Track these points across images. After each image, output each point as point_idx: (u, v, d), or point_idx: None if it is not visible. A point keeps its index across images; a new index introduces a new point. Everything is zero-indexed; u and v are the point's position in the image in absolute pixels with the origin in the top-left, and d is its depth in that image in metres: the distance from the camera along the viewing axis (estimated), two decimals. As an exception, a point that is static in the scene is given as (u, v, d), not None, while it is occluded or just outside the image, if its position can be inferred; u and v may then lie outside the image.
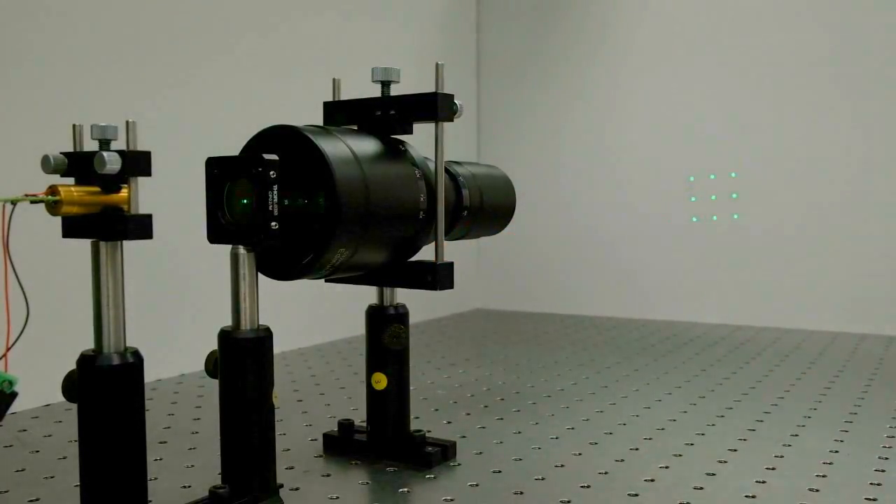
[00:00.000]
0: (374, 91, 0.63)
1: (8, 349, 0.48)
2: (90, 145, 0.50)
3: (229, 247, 0.53)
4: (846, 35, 1.32)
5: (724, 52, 1.41)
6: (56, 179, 0.49)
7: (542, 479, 0.63)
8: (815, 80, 1.34)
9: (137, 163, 0.48)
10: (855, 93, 1.32)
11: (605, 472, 0.64)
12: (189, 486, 0.61)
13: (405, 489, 0.61)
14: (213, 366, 0.54)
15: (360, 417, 0.73)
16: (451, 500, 0.58)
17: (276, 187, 0.50)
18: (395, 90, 0.63)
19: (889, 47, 1.29)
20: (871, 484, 0.61)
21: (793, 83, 1.35)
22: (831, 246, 1.34)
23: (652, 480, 0.62)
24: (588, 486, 0.61)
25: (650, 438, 0.73)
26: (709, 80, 1.42)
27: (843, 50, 1.32)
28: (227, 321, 0.53)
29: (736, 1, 1.40)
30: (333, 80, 0.67)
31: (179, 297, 1.01)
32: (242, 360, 0.53)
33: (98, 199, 0.49)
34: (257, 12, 1.12)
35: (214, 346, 0.54)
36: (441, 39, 1.53)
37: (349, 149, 0.56)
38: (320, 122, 0.63)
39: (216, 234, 0.52)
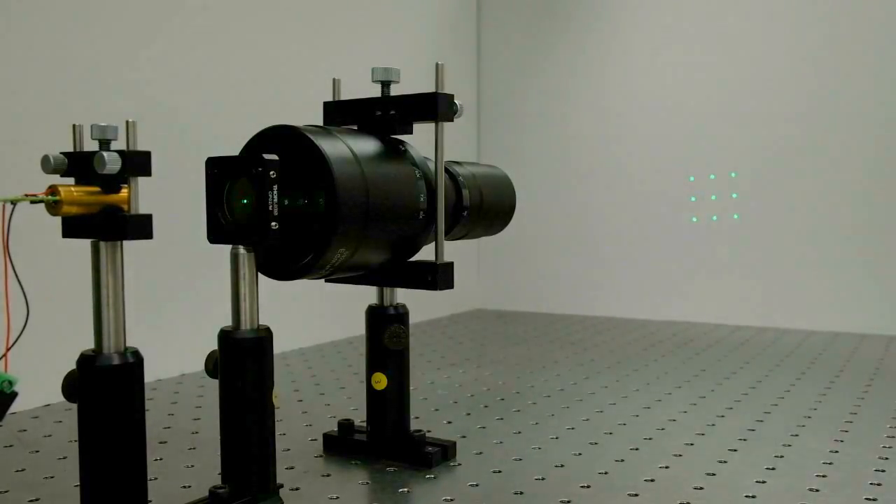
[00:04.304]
0: (374, 91, 0.63)
1: (8, 349, 0.48)
2: (90, 145, 0.50)
3: (229, 247, 0.53)
4: (848, 34, 1.32)
5: (725, 52, 1.41)
6: (56, 179, 0.49)
7: (542, 479, 0.63)
8: (816, 80, 1.34)
9: (137, 163, 0.48)
10: (856, 92, 1.31)
11: (605, 472, 0.64)
12: (189, 486, 0.61)
13: (405, 489, 0.61)
14: (213, 366, 0.54)
15: (360, 417, 0.73)
16: (451, 500, 0.58)
17: (276, 187, 0.50)
18: (395, 90, 0.63)
19: (891, 44, 1.29)
20: (871, 484, 0.61)
21: (794, 82, 1.35)
22: (831, 246, 1.34)
23: (652, 480, 0.62)
24: (588, 486, 0.61)
25: (650, 438, 0.73)
26: (709, 80, 1.42)
27: (844, 49, 1.32)
28: (227, 321, 0.53)
29: (736, 1, 1.40)
30: (333, 80, 0.67)
31: (179, 297, 1.01)
32: (242, 360, 0.53)
33: (98, 199, 0.49)
34: (258, 12, 1.12)
35: (214, 346, 0.54)
36: (441, 39, 1.53)
37: (349, 149, 0.56)
38: (320, 122, 0.63)
39: (216, 234, 0.52)
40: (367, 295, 0.69)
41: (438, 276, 0.60)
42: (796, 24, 1.35)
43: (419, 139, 0.64)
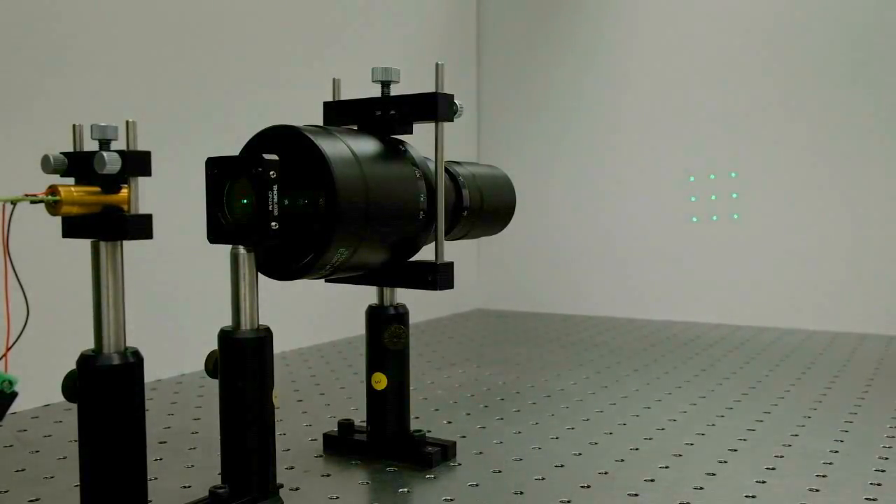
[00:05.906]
0: (374, 91, 0.63)
1: (8, 349, 0.48)
2: (90, 145, 0.50)
3: (229, 247, 0.53)
4: (846, 34, 1.32)
5: (724, 52, 1.41)
6: (56, 179, 0.49)
7: (542, 479, 0.63)
8: (815, 80, 1.34)
9: (137, 163, 0.48)
10: (856, 92, 1.31)
11: (605, 472, 0.64)
12: (189, 486, 0.61)
13: (405, 489, 0.61)
14: (213, 366, 0.54)
15: (360, 417, 0.73)
16: (451, 500, 0.58)
17: (276, 187, 0.50)
18: (395, 90, 0.63)
19: (890, 45, 1.29)
20: (871, 484, 0.61)
21: (793, 83, 1.35)
22: (831, 246, 1.34)
23: (652, 480, 0.62)
24: (588, 486, 0.61)
25: (650, 438, 0.73)
26: (709, 80, 1.42)
27: (843, 50, 1.32)
28: (227, 321, 0.53)
29: (735, 1, 1.40)
30: (333, 80, 0.67)
31: (179, 297, 1.01)
32: (242, 360, 0.53)
33: (98, 199, 0.49)
34: (258, 12, 1.12)
35: (214, 346, 0.54)
36: (441, 39, 1.53)
37: (349, 149, 0.56)
38: (320, 122, 0.63)
39: (216, 234, 0.52)
40: (367, 295, 0.69)
41: (438, 276, 0.60)
42: (797, 24, 1.35)
43: (419, 139, 0.64)
